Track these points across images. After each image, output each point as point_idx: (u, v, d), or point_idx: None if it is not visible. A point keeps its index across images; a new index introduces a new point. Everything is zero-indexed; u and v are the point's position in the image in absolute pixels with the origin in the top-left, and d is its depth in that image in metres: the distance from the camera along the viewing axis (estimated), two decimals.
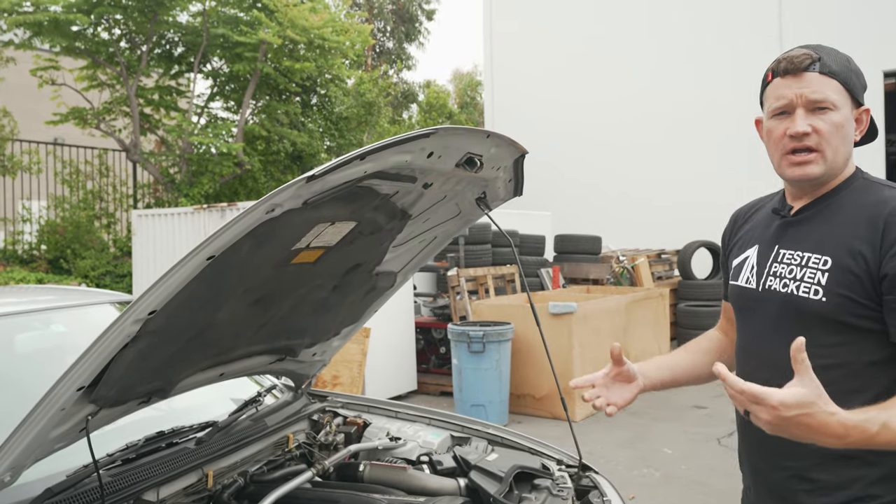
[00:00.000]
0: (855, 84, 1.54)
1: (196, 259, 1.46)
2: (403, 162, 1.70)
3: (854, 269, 1.45)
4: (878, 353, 1.44)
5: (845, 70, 1.53)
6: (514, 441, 2.50)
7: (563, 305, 6.82)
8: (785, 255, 1.58)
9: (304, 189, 1.49)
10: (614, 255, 11.33)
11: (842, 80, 1.52)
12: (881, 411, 1.31)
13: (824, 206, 1.57)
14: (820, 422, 1.24)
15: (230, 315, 1.85)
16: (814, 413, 1.24)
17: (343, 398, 2.87)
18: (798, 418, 1.23)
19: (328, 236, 1.86)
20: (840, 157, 1.54)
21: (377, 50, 28.13)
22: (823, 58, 1.53)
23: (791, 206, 1.64)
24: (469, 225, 2.44)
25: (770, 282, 1.60)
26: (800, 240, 1.57)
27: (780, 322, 1.56)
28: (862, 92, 1.56)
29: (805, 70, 1.52)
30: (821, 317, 1.48)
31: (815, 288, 1.49)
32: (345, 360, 6.70)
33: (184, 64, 14.64)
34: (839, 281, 1.47)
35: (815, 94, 1.51)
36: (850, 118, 1.54)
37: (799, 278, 1.53)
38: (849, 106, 1.54)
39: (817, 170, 1.54)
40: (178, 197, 13.23)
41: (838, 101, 1.51)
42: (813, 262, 1.51)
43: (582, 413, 6.86)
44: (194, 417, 2.35)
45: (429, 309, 8.73)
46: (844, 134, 1.53)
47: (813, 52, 1.54)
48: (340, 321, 2.49)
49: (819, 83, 1.51)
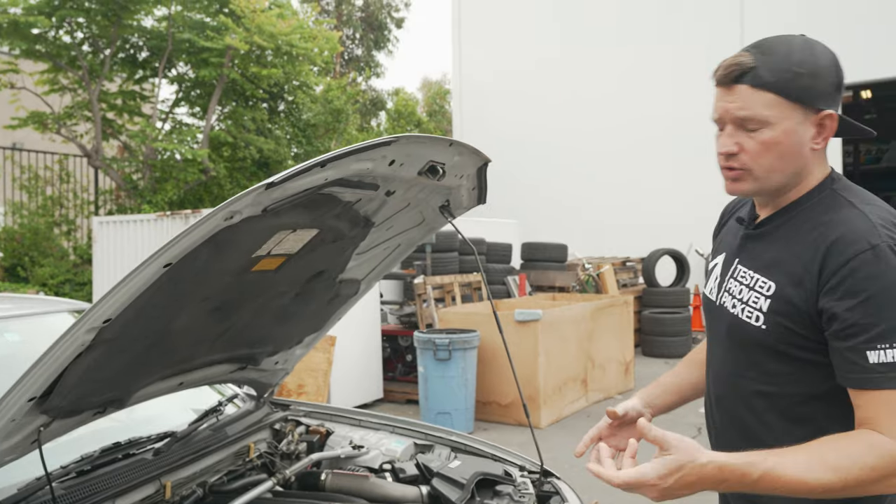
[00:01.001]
0: (804, 90, 1.35)
1: (152, 266, 1.43)
2: (365, 169, 1.69)
3: (794, 300, 1.35)
4: (822, 386, 1.35)
5: (787, 77, 1.34)
6: (477, 448, 2.50)
7: (528, 313, 6.86)
8: (739, 272, 1.49)
9: (264, 196, 1.48)
10: (580, 263, 11.44)
11: (780, 90, 1.35)
12: (769, 457, 1.26)
13: (784, 220, 1.45)
14: (697, 475, 1.25)
15: (189, 323, 1.83)
16: (687, 473, 1.25)
17: (306, 407, 2.85)
18: (677, 483, 1.25)
19: (289, 244, 1.84)
20: (778, 175, 1.40)
21: (346, 57, 28.06)
22: (758, 67, 1.36)
23: (757, 214, 1.53)
24: (433, 233, 2.44)
25: (724, 298, 1.53)
26: (755, 257, 1.47)
27: (728, 341, 1.50)
28: (824, 95, 1.36)
29: (734, 82, 1.38)
30: (762, 344, 1.40)
31: (757, 314, 1.41)
32: (310, 368, 6.65)
33: (148, 69, 14.44)
34: (779, 310, 1.37)
35: (741, 110, 1.38)
36: (792, 131, 1.37)
37: (745, 301, 1.44)
38: (794, 116, 1.36)
39: (746, 187, 1.43)
40: (141, 204, 13.01)
41: (770, 116, 1.35)
42: (759, 286, 1.42)
43: (547, 419, 6.90)
44: (153, 428, 2.30)
45: (395, 317, 8.70)
46: (782, 150, 1.38)
47: (751, 56, 1.38)
48: (303, 329, 2.47)
49: (748, 98, 1.37)
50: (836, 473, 1.23)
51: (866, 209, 1.36)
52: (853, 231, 1.32)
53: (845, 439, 1.28)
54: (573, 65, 15.16)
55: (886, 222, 1.33)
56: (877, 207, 1.37)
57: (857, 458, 1.24)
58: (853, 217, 1.34)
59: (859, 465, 1.23)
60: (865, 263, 1.28)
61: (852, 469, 1.23)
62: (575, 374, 7.50)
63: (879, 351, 1.25)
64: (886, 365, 1.25)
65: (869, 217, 1.33)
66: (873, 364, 1.26)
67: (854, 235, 1.31)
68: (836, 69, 1.38)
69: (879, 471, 1.23)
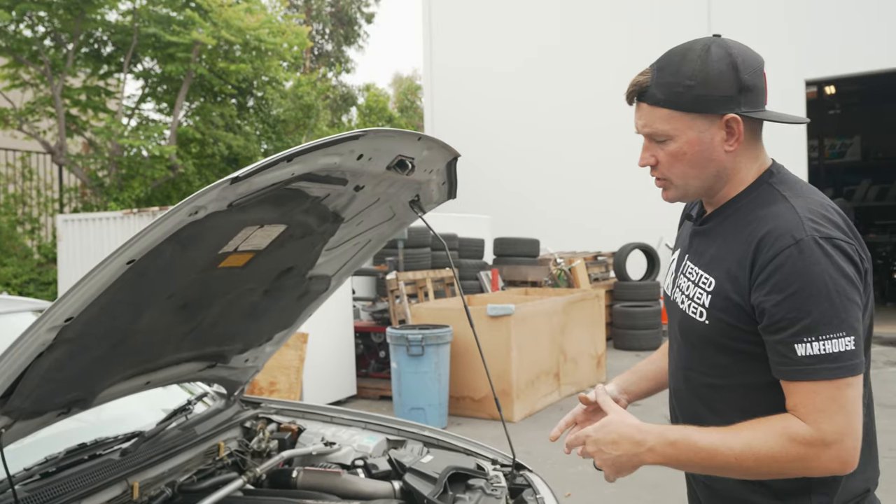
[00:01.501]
0: (697, 100, 1.40)
1: (115, 263, 1.41)
2: (333, 164, 1.68)
3: (731, 295, 1.40)
4: (766, 376, 1.39)
5: (678, 92, 1.40)
6: (450, 443, 2.50)
7: (501, 307, 6.88)
8: (687, 268, 1.55)
9: (229, 191, 1.46)
10: (552, 258, 11.51)
11: (672, 104, 1.41)
12: (688, 427, 1.39)
13: (723, 217, 1.50)
14: (619, 433, 1.40)
15: (155, 321, 1.80)
16: (612, 428, 1.41)
17: (277, 404, 2.83)
18: (604, 438, 1.41)
19: (257, 240, 1.82)
20: (695, 181, 1.47)
21: (315, 52, 27.84)
22: (651, 85, 1.43)
23: (705, 211, 1.58)
24: (404, 228, 2.43)
25: (676, 294, 1.59)
26: (700, 253, 1.53)
27: (679, 336, 1.57)
28: (723, 100, 1.39)
29: (637, 101, 1.47)
30: (706, 338, 1.47)
31: (701, 310, 1.47)
32: (282, 365, 6.60)
33: (113, 64, 14.17)
34: (719, 306, 1.42)
35: (644, 127, 1.46)
36: (697, 139, 1.42)
37: (691, 297, 1.50)
38: (695, 126, 1.41)
39: (672, 194, 1.51)
40: (108, 201, 12.79)
41: (671, 129, 1.42)
42: (702, 282, 1.47)
43: (520, 413, 6.93)
44: (120, 428, 2.27)
45: (368, 313, 8.68)
46: (692, 158, 1.43)
47: (648, 75, 1.45)
48: (273, 326, 2.45)
49: (648, 115, 1.45)
50: (749, 448, 1.31)
51: (796, 203, 1.39)
52: (780, 226, 1.35)
53: (765, 420, 1.35)
54: (545, 63, 15.22)
55: (815, 214, 1.36)
56: (808, 200, 1.40)
57: (769, 436, 1.31)
58: (782, 211, 1.38)
59: (769, 443, 1.31)
60: (790, 258, 1.31)
61: (762, 446, 1.31)
62: (547, 368, 7.54)
63: (806, 344, 1.30)
64: (812, 357, 1.30)
65: (797, 211, 1.37)
66: (801, 357, 1.31)
67: (780, 230, 1.35)
68: (735, 72, 1.40)
69: (786, 452, 1.30)
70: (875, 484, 1.50)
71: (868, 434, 1.45)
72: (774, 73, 11.51)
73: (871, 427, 1.49)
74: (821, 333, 1.29)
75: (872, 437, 1.50)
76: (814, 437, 1.29)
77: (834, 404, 1.29)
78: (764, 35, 12.95)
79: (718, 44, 1.42)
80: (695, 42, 1.44)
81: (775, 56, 12.97)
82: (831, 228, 1.34)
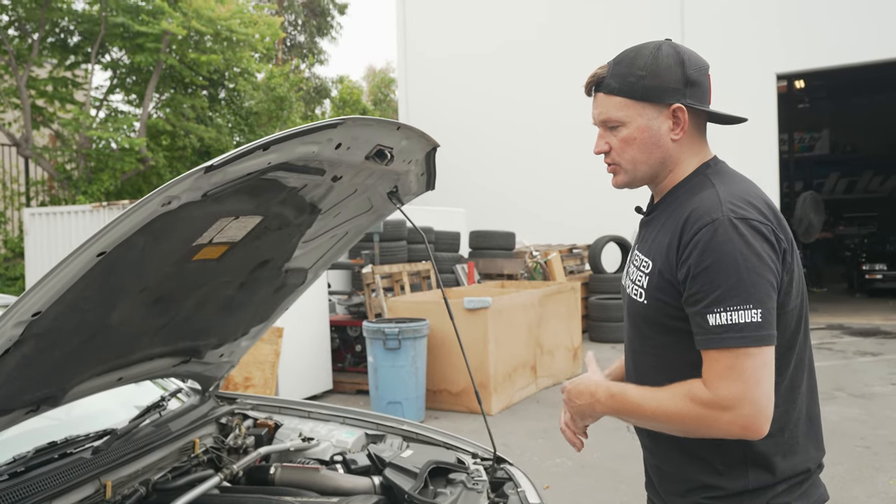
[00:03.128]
0: (647, 90, 1.53)
1: (85, 255, 1.36)
2: (310, 153, 1.65)
3: (665, 274, 1.52)
4: (697, 354, 1.47)
5: (631, 81, 1.54)
6: (430, 437, 2.48)
7: (477, 300, 6.88)
8: (635, 257, 1.68)
9: (203, 180, 1.42)
10: (528, 251, 11.54)
11: (625, 93, 1.55)
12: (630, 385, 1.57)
13: (664, 206, 1.62)
14: (586, 385, 1.61)
15: (127, 315, 1.75)
16: (581, 381, 1.63)
17: (253, 400, 2.79)
18: (575, 389, 1.63)
19: (232, 231, 1.78)
20: (643, 167, 1.60)
21: (288, 44, 27.54)
22: (607, 77, 1.58)
23: (652, 203, 1.72)
24: (382, 220, 2.41)
25: (626, 282, 1.71)
26: (645, 240, 1.65)
27: (628, 320, 1.70)
28: (671, 91, 1.54)
29: (595, 91, 1.62)
30: (645, 318, 1.59)
31: (640, 290, 1.59)
32: (257, 360, 6.53)
33: (80, 54, 13.89)
34: (655, 285, 1.54)
35: (600, 114, 1.60)
36: (646, 126, 1.56)
37: (634, 280, 1.63)
38: (645, 114, 1.55)
39: (620, 179, 1.64)
40: (76, 195, 12.55)
41: (624, 116, 1.56)
42: (643, 266, 1.60)
43: (498, 406, 6.94)
44: (91, 425, 2.22)
45: (344, 307, 8.62)
46: (641, 144, 1.57)
47: (606, 67, 1.59)
48: (248, 320, 2.41)
49: (603, 103, 1.59)
50: (660, 404, 1.47)
51: (721, 189, 1.51)
52: (701, 207, 1.48)
53: (679, 384, 1.48)
54: (522, 55, 15.23)
55: (735, 198, 1.48)
56: (733, 187, 1.52)
57: (675, 396, 1.46)
58: (706, 196, 1.50)
59: (675, 402, 1.45)
60: (705, 236, 1.43)
61: (669, 403, 1.46)
62: (524, 361, 7.56)
63: (716, 314, 1.41)
64: (720, 326, 1.41)
65: (719, 195, 1.49)
66: (711, 326, 1.42)
67: (701, 212, 1.47)
68: (682, 68, 1.55)
69: (688, 411, 1.43)
70: (817, 465, 1.58)
71: (811, 416, 1.57)
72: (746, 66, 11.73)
73: (814, 409, 1.60)
74: (728, 304, 1.40)
75: (816, 418, 1.60)
76: (710, 400, 1.40)
77: (732, 372, 1.39)
78: (735, 29, 13.10)
79: (669, 44, 1.58)
80: (648, 42, 1.59)
81: (746, 50, 13.14)
82: (748, 210, 1.45)
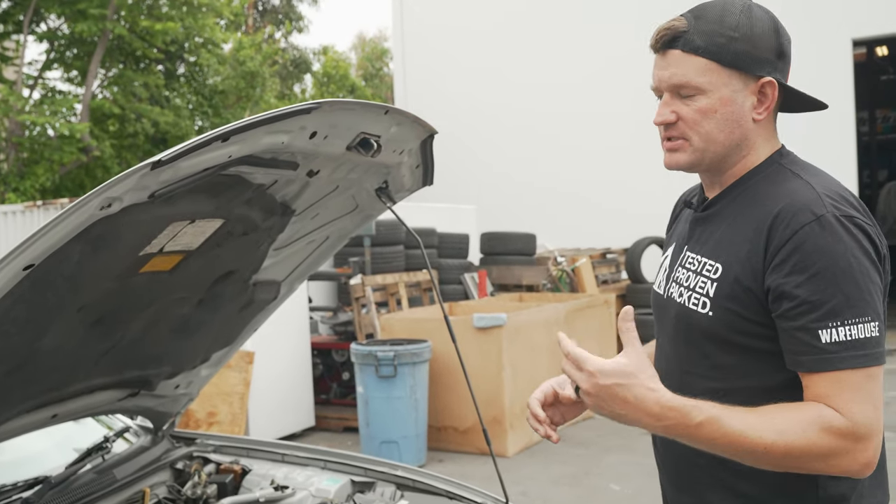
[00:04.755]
0: (738, 55, 1.52)
1: (9, 269, 1.39)
2: (279, 144, 1.67)
3: (742, 279, 1.49)
4: (774, 378, 1.48)
5: (720, 42, 1.52)
6: (430, 484, 2.51)
7: (490, 317, 6.89)
8: (687, 259, 1.65)
9: (150, 178, 1.44)
10: (551, 256, 11.56)
11: (711, 55, 1.52)
12: (715, 407, 1.39)
13: (730, 199, 1.60)
14: (636, 395, 1.38)
15: (61, 340, 1.78)
16: (631, 385, 1.38)
17: (217, 440, 2.82)
18: (614, 389, 1.38)
19: (187, 238, 1.81)
20: (717, 147, 1.56)
21: (260, 8, 27.71)
22: (690, 30, 1.53)
23: (706, 197, 1.69)
24: (370, 221, 2.43)
25: (672, 289, 1.67)
26: (703, 241, 1.62)
27: (676, 335, 1.65)
28: (763, 61, 1.54)
29: (667, 48, 1.56)
30: (709, 333, 1.54)
31: (704, 300, 1.55)
32: (223, 392, 6.56)
33: (10, 23, 14.03)
34: (726, 293, 1.51)
35: (673, 77, 1.55)
36: (730, 99, 1.53)
37: (692, 287, 1.59)
38: (730, 84, 1.53)
39: (685, 158, 1.59)
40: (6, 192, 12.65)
41: (704, 83, 1.52)
42: (706, 270, 1.57)
43: (515, 446, 6.95)
44: (21, 472, 2.25)
45: (328, 326, 8.65)
46: (720, 118, 1.54)
47: (685, 20, 1.55)
48: (210, 344, 2.45)
49: (680, 63, 1.54)
50: (781, 436, 1.37)
51: (812, 180, 1.51)
52: (797, 202, 1.46)
53: (796, 407, 1.41)
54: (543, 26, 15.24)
55: (832, 192, 1.48)
56: (823, 178, 1.54)
57: (805, 426, 1.37)
58: (798, 188, 1.50)
59: (805, 433, 1.37)
60: (812, 235, 1.41)
61: (798, 436, 1.37)
62: None
63: (831, 329, 1.39)
64: (839, 344, 1.38)
65: (814, 187, 1.48)
66: (825, 344, 1.39)
67: (798, 205, 1.45)
68: (777, 35, 1.55)
69: (819, 444, 1.37)
70: None
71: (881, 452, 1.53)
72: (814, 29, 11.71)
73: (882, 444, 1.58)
74: (847, 317, 1.38)
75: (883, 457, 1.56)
76: (848, 429, 1.36)
77: (861, 394, 1.37)
78: None
79: (757, 5, 1.56)
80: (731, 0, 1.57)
81: (816, 13, 13.14)
82: (850, 208, 1.46)
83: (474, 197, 14.20)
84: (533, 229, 12.12)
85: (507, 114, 15.46)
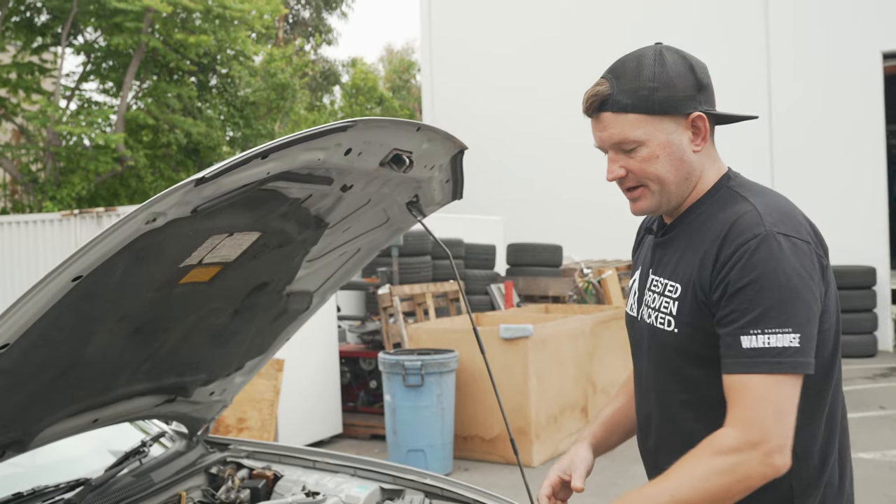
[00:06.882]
0: (663, 103, 1.62)
1: (59, 280, 1.43)
2: (316, 160, 1.71)
3: (698, 296, 1.61)
4: None
5: (643, 95, 1.62)
6: (457, 493, 2.51)
7: (516, 328, 6.90)
8: (653, 282, 1.77)
9: (193, 194, 1.49)
10: (578, 268, 11.52)
11: (639, 109, 1.63)
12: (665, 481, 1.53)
13: (685, 224, 1.72)
14: None
15: (104, 348, 1.83)
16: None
17: (249, 446, 2.85)
18: None
19: (226, 250, 1.85)
20: (670, 185, 1.68)
21: (290, 21, 27.95)
22: (614, 92, 1.64)
23: (664, 223, 1.80)
24: (400, 234, 2.46)
25: (643, 311, 1.79)
26: (665, 264, 1.74)
27: (649, 353, 1.77)
28: (686, 99, 1.64)
29: (599, 111, 1.67)
30: (676, 348, 1.67)
31: (668, 318, 1.67)
32: (253, 399, 6.61)
33: (49, 35, 14.27)
34: (686, 310, 1.63)
35: (612, 136, 1.66)
36: (668, 142, 1.64)
37: (658, 308, 1.71)
38: (664, 128, 1.64)
39: (647, 203, 1.71)
40: (43, 200, 12.85)
41: (641, 134, 1.63)
42: (668, 290, 1.69)
43: (541, 456, 6.94)
44: (62, 475, 2.29)
45: (356, 335, 8.69)
46: (664, 161, 1.65)
47: (607, 82, 1.65)
48: (244, 352, 2.48)
49: (614, 123, 1.65)
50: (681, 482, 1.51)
51: (756, 201, 1.64)
52: (741, 223, 1.59)
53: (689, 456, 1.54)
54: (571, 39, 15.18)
55: (774, 212, 1.60)
56: (768, 198, 1.66)
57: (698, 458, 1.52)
58: (742, 210, 1.62)
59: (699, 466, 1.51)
60: (748, 251, 1.54)
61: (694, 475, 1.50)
62: (573, 401, 7.55)
63: (752, 336, 1.51)
64: (756, 350, 1.51)
65: (758, 209, 1.61)
66: (745, 349, 1.52)
67: (742, 226, 1.58)
68: (692, 72, 1.66)
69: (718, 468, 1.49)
70: None
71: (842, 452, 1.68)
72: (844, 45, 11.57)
73: (845, 443, 1.70)
74: (766, 326, 1.50)
75: (846, 455, 1.70)
76: (739, 441, 1.48)
77: (765, 402, 1.49)
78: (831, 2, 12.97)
79: (667, 49, 1.68)
80: (643, 49, 1.69)
81: (843, 26, 13.02)
82: (790, 227, 1.58)
83: (500, 208, 14.18)
84: (559, 241, 12.09)
85: (534, 125, 15.43)
